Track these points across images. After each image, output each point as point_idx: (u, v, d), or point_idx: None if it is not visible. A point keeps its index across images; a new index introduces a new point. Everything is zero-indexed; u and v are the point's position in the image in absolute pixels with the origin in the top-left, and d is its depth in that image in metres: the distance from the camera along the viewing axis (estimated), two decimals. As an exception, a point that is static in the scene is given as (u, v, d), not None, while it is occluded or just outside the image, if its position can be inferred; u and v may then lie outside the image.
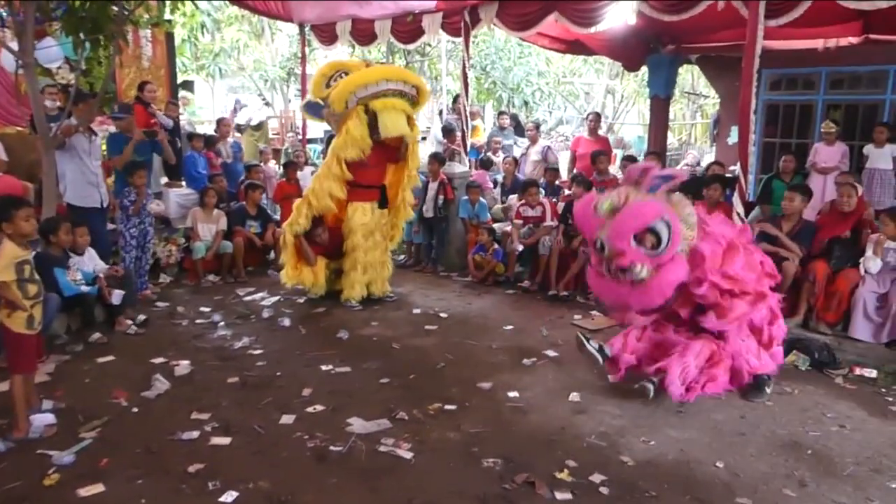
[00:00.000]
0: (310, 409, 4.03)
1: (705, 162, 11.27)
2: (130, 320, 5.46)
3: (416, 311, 6.15)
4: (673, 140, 18.47)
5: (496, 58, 16.13)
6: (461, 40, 8.07)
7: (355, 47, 11.48)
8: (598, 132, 9.54)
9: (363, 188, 6.18)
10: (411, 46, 9.90)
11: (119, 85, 8.63)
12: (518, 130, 11.17)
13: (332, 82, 6.01)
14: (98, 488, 3.15)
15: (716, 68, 10.51)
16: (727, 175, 7.14)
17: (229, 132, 9.34)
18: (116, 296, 5.38)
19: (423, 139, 15.78)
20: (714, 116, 13.35)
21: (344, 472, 3.35)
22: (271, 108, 14.70)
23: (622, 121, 20.20)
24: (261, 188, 7.86)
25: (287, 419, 3.90)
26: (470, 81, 8.40)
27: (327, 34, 9.25)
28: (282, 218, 8.09)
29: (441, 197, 7.56)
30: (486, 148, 9.92)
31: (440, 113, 12.93)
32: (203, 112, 19.74)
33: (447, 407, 4.10)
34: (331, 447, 3.58)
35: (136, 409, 4.02)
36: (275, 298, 6.42)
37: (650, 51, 9.74)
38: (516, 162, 9.06)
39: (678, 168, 4.41)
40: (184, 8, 6.51)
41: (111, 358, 4.84)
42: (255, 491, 3.16)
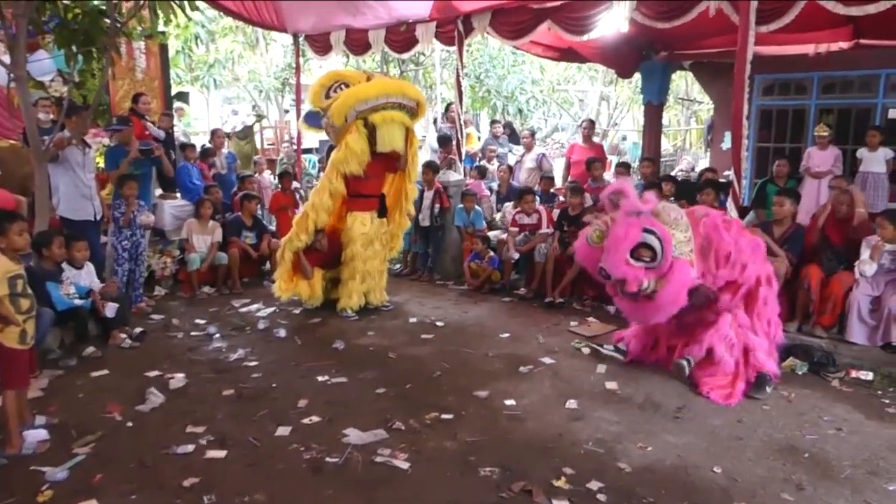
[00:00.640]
0: (306, 421, 4.01)
1: (700, 167, 11.30)
2: (125, 334, 5.43)
3: (413, 320, 6.14)
4: (668, 146, 18.55)
5: (490, 66, 16.19)
6: (455, 49, 8.10)
7: (350, 57, 11.47)
8: (593, 139, 9.57)
9: (362, 198, 6.19)
10: (405, 56, 9.91)
11: (112, 97, 8.64)
12: (513, 138, 11.20)
13: (332, 93, 6.02)
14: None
15: (709, 74, 10.57)
16: (721, 180, 7.16)
17: (223, 143, 9.34)
18: (110, 309, 5.35)
19: (419, 148, 15.87)
20: (708, 122, 13.40)
21: (340, 484, 3.33)
22: (258, 116, 14.68)
23: (617, 127, 20.24)
24: (256, 199, 7.86)
25: (283, 431, 3.88)
26: (464, 90, 8.41)
27: (321, 44, 9.27)
28: (277, 228, 8.10)
29: (437, 205, 7.57)
30: (481, 156, 9.93)
31: (434, 121, 12.95)
32: (198, 123, 19.77)
33: (444, 416, 4.08)
34: (327, 458, 3.56)
35: (131, 424, 3.99)
36: (270, 309, 6.40)
37: (643, 58, 9.79)
38: (511, 170, 9.08)
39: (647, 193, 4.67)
40: (177, 20, 6.48)
41: (105, 372, 4.81)
42: (251, 504, 3.14)
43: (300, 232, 6.02)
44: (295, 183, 9.02)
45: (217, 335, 5.66)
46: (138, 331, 5.57)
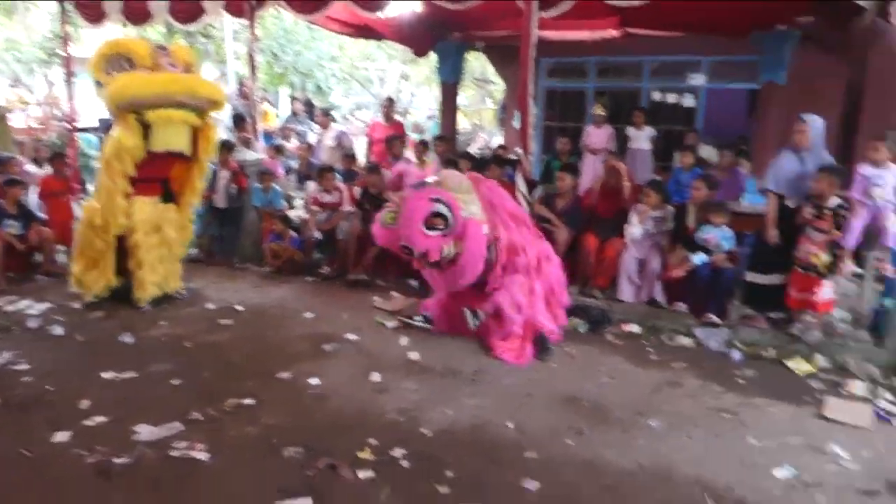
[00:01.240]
0: (88, 423, 3.66)
1: (494, 144, 11.91)
2: None
3: (210, 307, 5.84)
4: (465, 124, 19.31)
5: (285, 41, 15.68)
6: (247, 22, 7.73)
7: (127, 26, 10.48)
8: (393, 117, 9.68)
9: (142, 182, 5.66)
10: (192, 27, 9.27)
11: None
12: (313, 116, 11.00)
13: (118, 67, 5.37)
14: None
15: (500, 56, 11.11)
16: (511, 157, 7.60)
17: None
18: None
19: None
20: (501, 102, 14.14)
21: (132, 485, 3.10)
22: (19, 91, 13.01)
23: (416, 105, 20.67)
24: (20, 184, 6.95)
25: (62, 437, 3.51)
26: (258, 65, 8.07)
27: (93, 11, 8.34)
28: (49, 217, 7.23)
29: (233, 186, 7.23)
30: (280, 134, 9.64)
31: (229, 98, 12.31)
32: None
33: (245, 402, 3.95)
34: (115, 460, 3.28)
35: None
36: (44, 306, 5.72)
37: (438, 38, 10.04)
38: (311, 148, 8.92)
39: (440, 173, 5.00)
40: None
41: None
42: (23, 520, 2.82)
43: (95, 237, 5.53)
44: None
45: (-25, 338, 4.96)
46: None
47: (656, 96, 9.99)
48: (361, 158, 9.30)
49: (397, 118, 10.29)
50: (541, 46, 6.16)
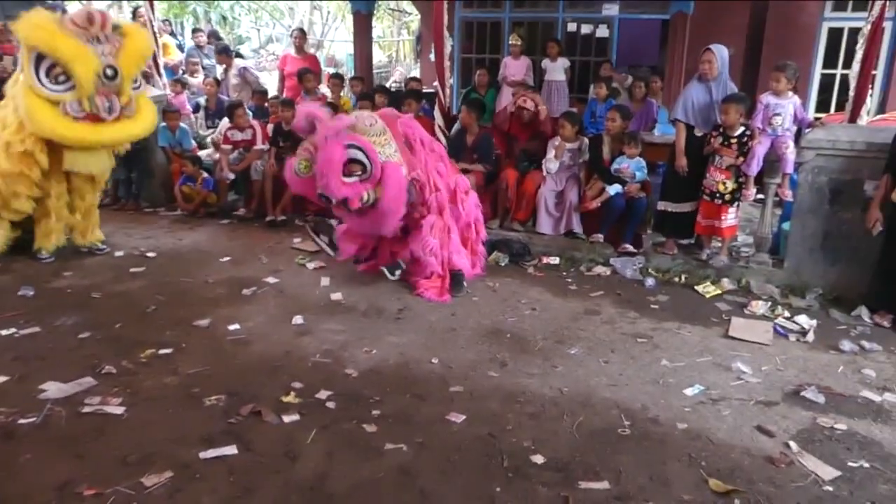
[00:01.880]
0: (-13, 383, 3.47)
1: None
2: None
3: (119, 254, 5.56)
4: (382, 57, 18.81)
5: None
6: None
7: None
8: (305, 49, 9.28)
9: None
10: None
11: None
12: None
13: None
14: None
15: (414, -15, 10.77)
16: (429, 90, 7.46)
17: None
18: None
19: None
20: (417, 33, 13.79)
21: (40, 445, 2.95)
22: None
23: (331, 38, 19.93)
24: None
25: (-42, 401, 3.31)
26: (155, -7, 7.49)
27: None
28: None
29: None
30: (184, 69, 9.08)
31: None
32: None
33: (161, 351, 3.82)
34: (20, 420, 3.12)
35: None
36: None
37: (349, -36, 9.60)
38: (218, 83, 8.46)
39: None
40: None
41: None
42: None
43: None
44: None
45: None
46: None
47: (571, 27, 9.96)
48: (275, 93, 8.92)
49: (310, 51, 9.87)
50: (455, -25, 5.99)
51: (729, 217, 5.04)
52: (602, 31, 9.76)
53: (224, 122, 7.05)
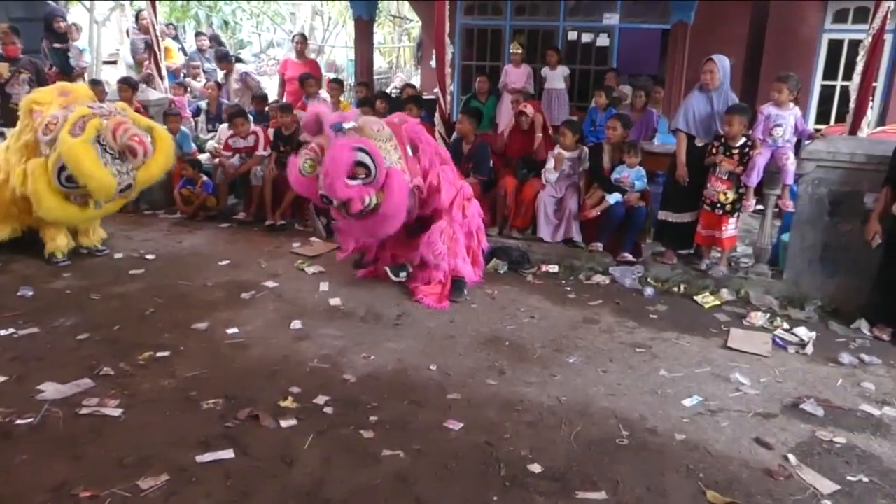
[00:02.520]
0: (-15, 383, 3.46)
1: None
2: None
3: (118, 256, 5.55)
4: (383, 63, 18.84)
5: (188, -30, 14.72)
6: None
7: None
8: (306, 54, 9.29)
9: None
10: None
11: None
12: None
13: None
14: None
15: (416, -8, 10.80)
16: (429, 97, 7.47)
17: None
18: None
19: (114, 63, 14.00)
20: (418, 40, 13.81)
21: (37, 446, 2.95)
22: None
23: (332, 43, 19.97)
24: None
25: (-46, 402, 3.30)
26: (158, -4, 7.51)
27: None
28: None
29: (136, 127, 6.79)
30: (186, 73, 9.09)
31: (127, 32, 11.48)
32: None
33: (159, 354, 3.81)
34: (17, 421, 3.11)
35: None
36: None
37: (351, -29, 9.62)
38: (220, 87, 8.47)
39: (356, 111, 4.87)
40: None
41: None
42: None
43: None
44: None
45: None
46: None
47: (572, 36, 9.99)
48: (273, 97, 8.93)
49: (311, 56, 9.89)
50: (456, -18, 6.01)
51: (729, 227, 5.04)
52: (603, 40, 9.79)
53: (223, 130, 7.05)
